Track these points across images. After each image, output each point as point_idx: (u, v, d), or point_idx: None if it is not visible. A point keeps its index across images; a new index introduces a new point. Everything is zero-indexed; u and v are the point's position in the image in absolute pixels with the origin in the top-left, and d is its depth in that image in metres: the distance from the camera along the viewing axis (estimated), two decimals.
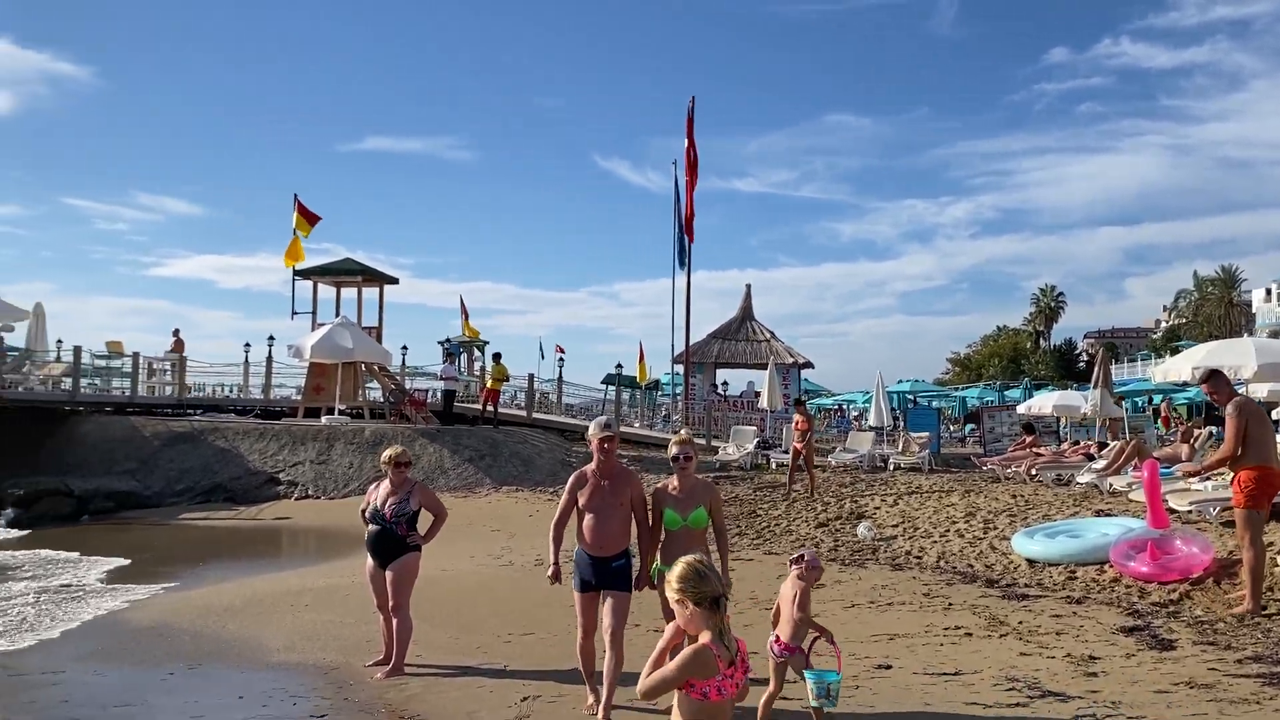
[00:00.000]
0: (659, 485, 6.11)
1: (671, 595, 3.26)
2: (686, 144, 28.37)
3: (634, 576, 6.04)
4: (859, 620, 8.50)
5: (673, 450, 6.00)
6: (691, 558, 3.31)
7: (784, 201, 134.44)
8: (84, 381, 24.32)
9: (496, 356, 25.21)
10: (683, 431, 7.78)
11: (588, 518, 5.95)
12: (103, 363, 26.27)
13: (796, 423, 18.29)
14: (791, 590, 5.50)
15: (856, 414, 40.90)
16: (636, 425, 29.08)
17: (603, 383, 33.09)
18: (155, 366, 26.73)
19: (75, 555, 13.89)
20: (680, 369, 30.62)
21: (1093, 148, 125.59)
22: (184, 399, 26.25)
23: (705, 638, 3.16)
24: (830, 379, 70.53)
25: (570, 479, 6.11)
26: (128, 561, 13.36)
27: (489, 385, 24.75)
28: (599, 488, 5.97)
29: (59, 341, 27.46)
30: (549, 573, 6.09)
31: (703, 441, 24.65)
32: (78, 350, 24.05)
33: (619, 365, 28.01)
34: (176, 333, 27.09)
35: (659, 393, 35.14)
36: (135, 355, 25.82)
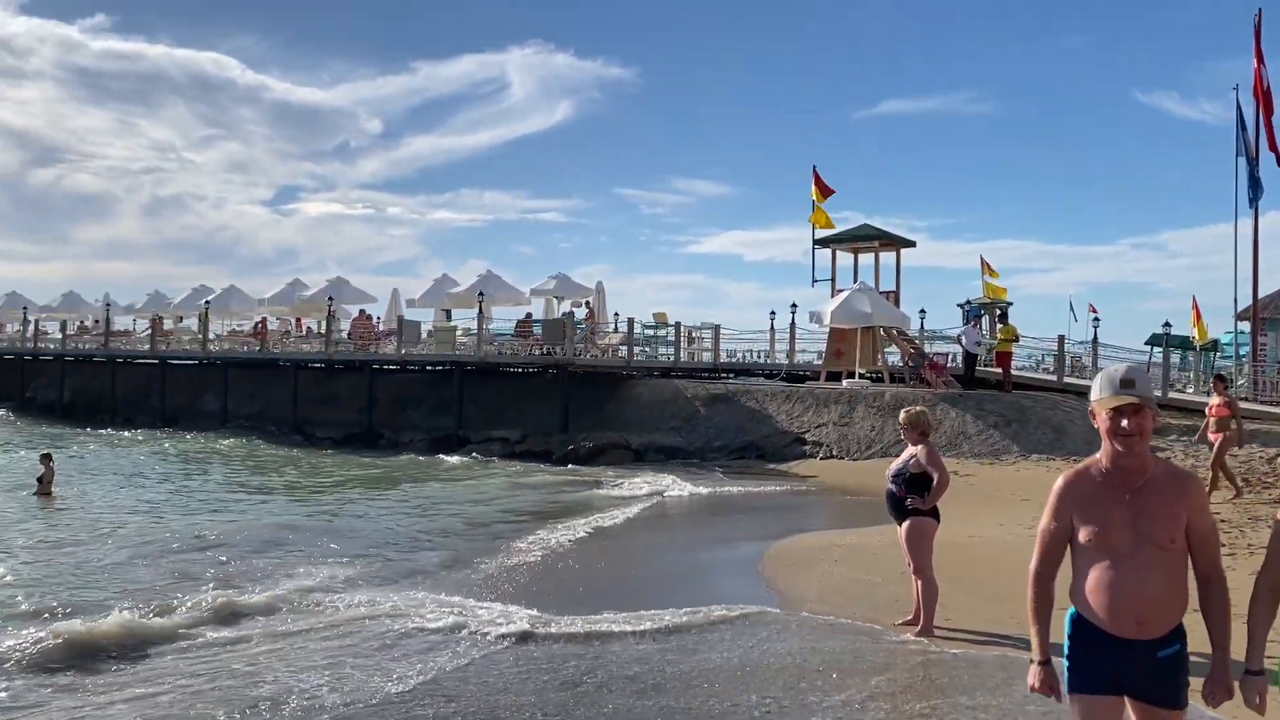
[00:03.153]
0: None
1: None
2: (1255, 64, 24.14)
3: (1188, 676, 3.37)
4: None
5: None
6: None
7: None
8: (636, 349, 27.99)
9: (1003, 316, 23.99)
10: None
11: (1100, 565, 3.35)
12: (651, 332, 29.99)
13: (1212, 407, 14.19)
14: None
15: None
16: (1189, 391, 25.47)
17: (1146, 344, 29.58)
18: (694, 335, 29.96)
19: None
20: (1246, 326, 26.25)
21: None
22: (719, 364, 29.08)
23: None
24: None
25: (1058, 485, 3.51)
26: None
27: (996, 347, 23.65)
28: (1120, 505, 3.36)
29: (615, 315, 32.09)
30: (1032, 677, 3.50)
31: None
32: (630, 322, 27.80)
33: (1166, 324, 24.74)
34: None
35: (1217, 353, 30.42)
36: (677, 325, 29.20)
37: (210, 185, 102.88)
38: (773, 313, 29.72)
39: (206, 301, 35.36)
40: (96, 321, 40.47)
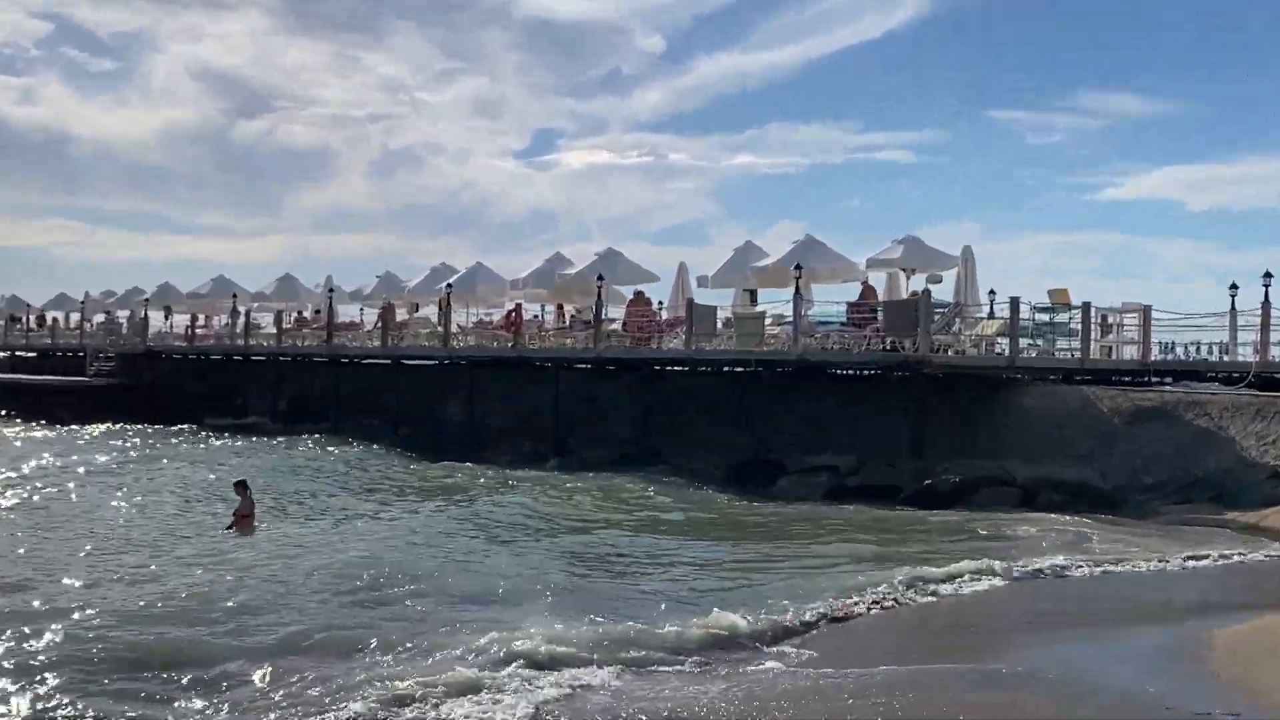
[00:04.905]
0: None
1: None
2: None
3: None
4: None
5: None
6: None
7: None
8: (1022, 341, 26.87)
9: None
10: None
11: None
12: (1044, 317, 28.67)
13: None
14: None
15: None
16: None
17: None
18: (1110, 320, 28.34)
19: None
20: None
21: None
22: (1149, 363, 27.32)
23: None
24: None
25: None
26: None
27: None
28: None
29: (991, 293, 30.96)
30: None
31: None
32: (1014, 302, 26.70)
33: None
34: None
35: None
36: (1085, 306, 27.68)
37: (451, 133, 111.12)
38: (1233, 287, 27.54)
39: (448, 285, 37.90)
40: (317, 311, 44.73)
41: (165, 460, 28.47)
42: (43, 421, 38.71)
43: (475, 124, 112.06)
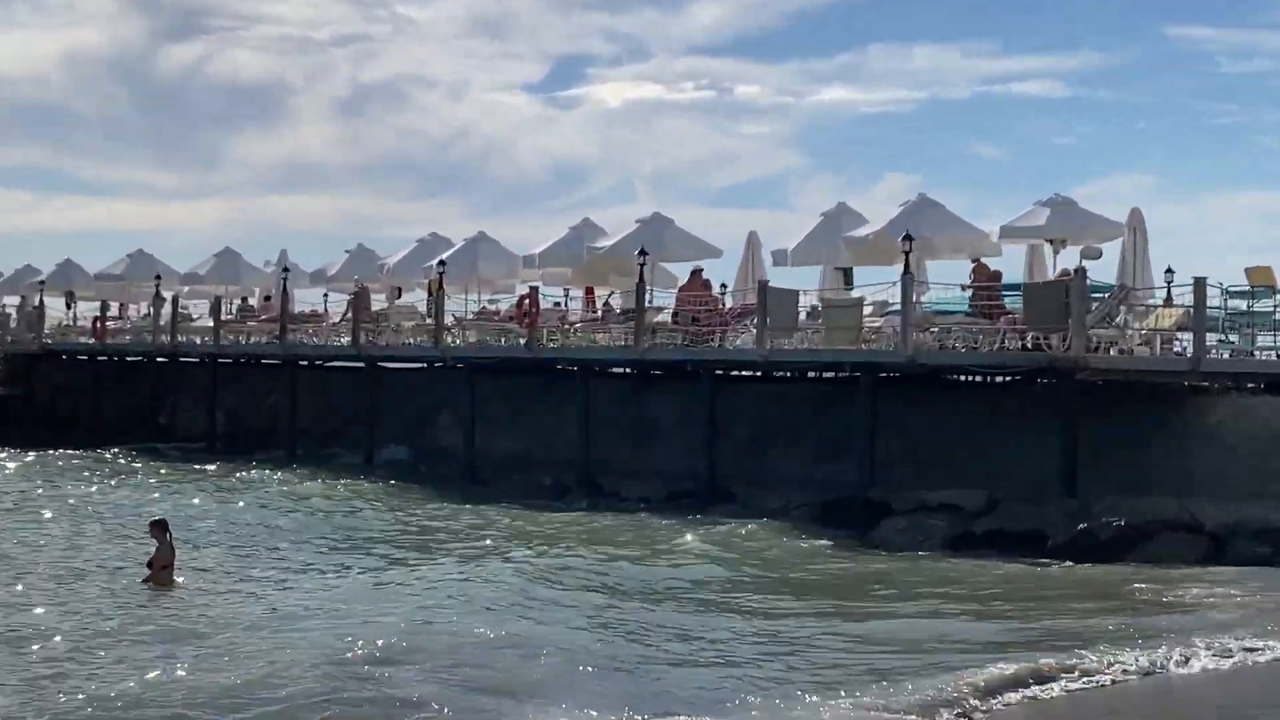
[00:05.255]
0: None
1: None
2: None
3: None
4: None
5: None
6: None
7: None
8: (1211, 337, 26.72)
9: None
10: None
11: None
12: (1240, 304, 28.52)
13: None
14: None
15: None
16: None
17: None
18: None
19: None
20: None
21: None
22: None
23: None
24: None
25: None
26: None
27: None
28: None
29: (1168, 272, 30.86)
30: None
31: None
32: (1200, 285, 26.60)
33: None
34: None
35: None
36: None
37: (442, 61, 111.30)
38: None
39: (440, 263, 37.73)
40: (267, 298, 45.01)
41: (61, 496, 29.02)
42: None
43: (475, 47, 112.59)
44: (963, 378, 28.29)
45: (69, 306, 51.15)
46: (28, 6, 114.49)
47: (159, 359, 45.07)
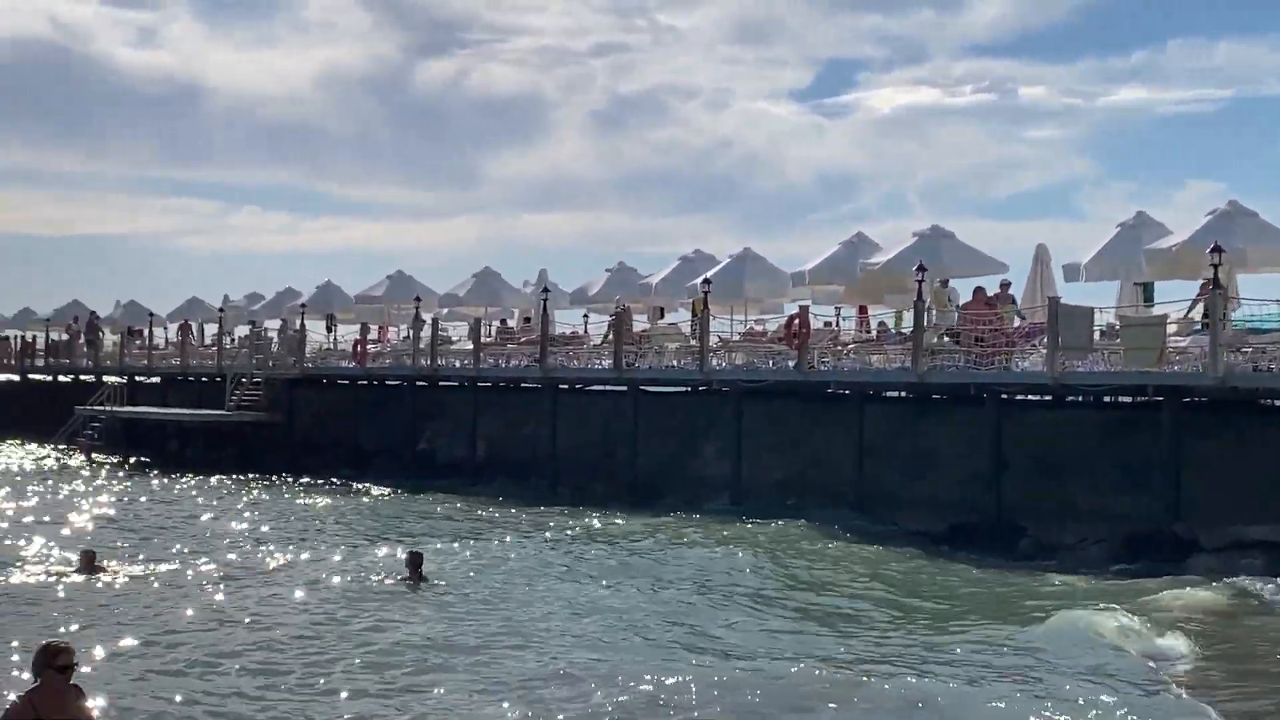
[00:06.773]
0: None
1: None
2: None
3: None
4: None
5: None
6: None
7: None
8: None
9: None
10: None
11: None
12: None
13: None
14: None
15: None
16: None
17: None
18: None
19: None
20: None
21: None
22: None
23: None
24: None
25: None
26: None
27: None
28: None
29: None
30: None
31: None
32: None
33: None
34: None
35: None
36: None
37: (704, 70, 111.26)
38: None
39: (705, 281, 37.50)
40: (527, 319, 45.16)
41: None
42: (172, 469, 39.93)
43: (738, 54, 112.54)
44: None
45: (329, 329, 52.23)
46: (286, 25, 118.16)
47: (418, 383, 45.55)
